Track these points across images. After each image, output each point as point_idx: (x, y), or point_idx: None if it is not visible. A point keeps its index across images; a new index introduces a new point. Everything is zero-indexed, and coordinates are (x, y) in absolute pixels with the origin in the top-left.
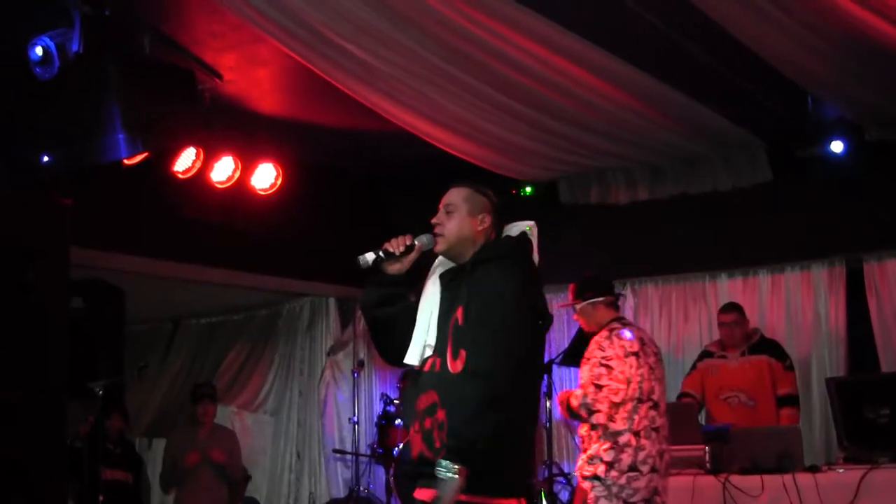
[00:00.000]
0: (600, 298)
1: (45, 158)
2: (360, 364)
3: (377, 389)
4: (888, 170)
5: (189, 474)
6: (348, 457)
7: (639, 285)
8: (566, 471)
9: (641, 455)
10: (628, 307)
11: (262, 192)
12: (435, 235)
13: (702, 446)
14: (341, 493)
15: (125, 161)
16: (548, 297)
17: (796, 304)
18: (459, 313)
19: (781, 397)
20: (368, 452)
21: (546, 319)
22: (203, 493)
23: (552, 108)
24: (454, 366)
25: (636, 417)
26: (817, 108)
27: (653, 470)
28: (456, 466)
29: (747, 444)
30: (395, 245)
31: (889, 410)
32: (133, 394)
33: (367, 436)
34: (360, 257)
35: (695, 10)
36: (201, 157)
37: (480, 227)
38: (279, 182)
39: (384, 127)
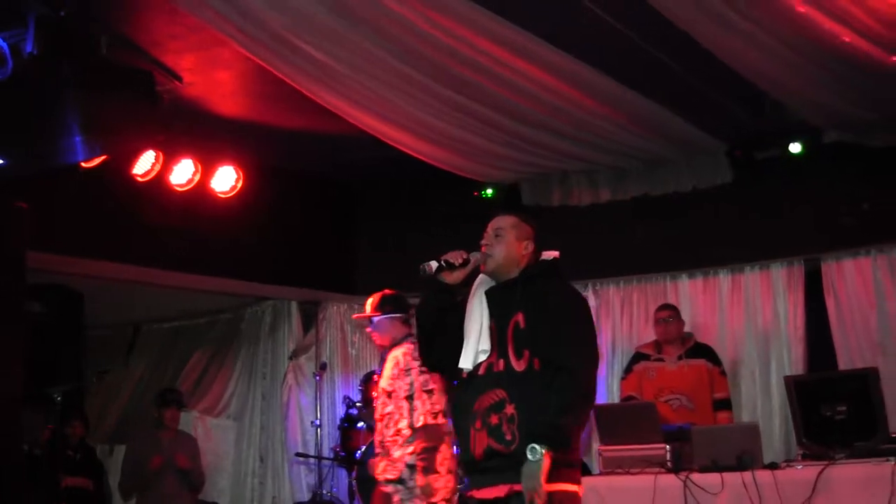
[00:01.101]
0: (399, 314)
1: (1, 161)
2: (323, 367)
3: (339, 393)
4: (846, 171)
5: (151, 480)
6: (311, 460)
7: (601, 286)
8: None
9: (439, 458)
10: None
11: (222, 195)
12: (483, 254)
13: (663, 445)
14: (305, 496)
15: (83, 164)
16: None
17: (756, 304)
18: (520, 318)
19: (718, 401)
20: (331, 456)
21: None
22: (166, 499)
23: (513, 110)
24: (518, 364)
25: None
26: (776, 110)
27: (449, 471)
28: (542, 449)
29: (707, 442)
30: (455, 257)
31: (846, 408)
32: (94, 399)
33: (329, 439)
34: (424, 265)
35: (655, 15)
36: (161, 159)
37: (525, 252)
38: (240, 185)
39: (345, 130)
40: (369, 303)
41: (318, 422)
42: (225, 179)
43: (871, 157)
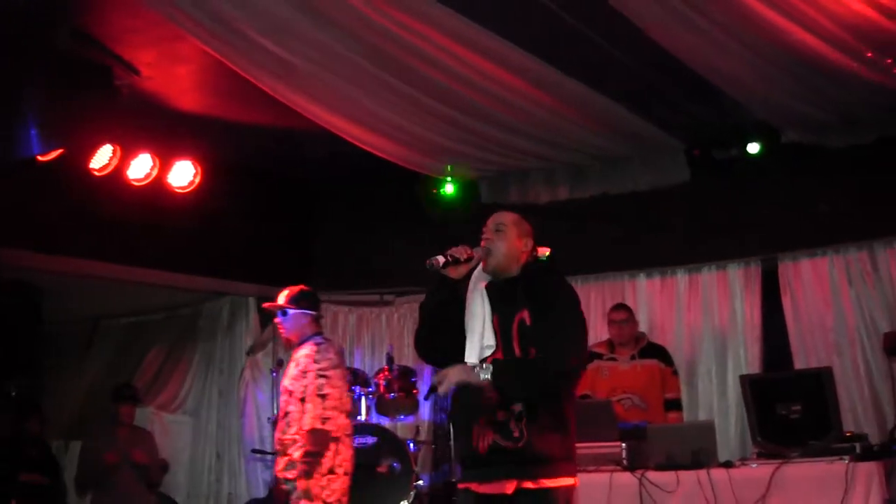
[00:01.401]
0: (312, 312)
1: None
2: (280, 363)
3: None
4: (803, 171)
5: (107, 476)
6: (268, 457)
7: None
8: None
9: (339, 459)
10: None
11: (180, 190)
12: (485, 249)
13: (618, 443)
14: (261, 492)
15: (40, 158)
16: None
17: (713, 304)
18: (525, 315)
19: (669, 401)
20: None
21: None
22: (122, 495)
23: (473, 108)
24: None
25: (338, 424)
26: (734, 110)
27: (346, 473)
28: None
29: (663, 440)
30: (461, 252)
31: (801, 407)
32: (51, 395)
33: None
34: (431, 259)
35: (614, 13)
36: (118, 154)
37: (525, 249)
38: (198, 180)
39: (304, 126)
40: (284, 294)
41: (274, 418)
42: (183, 174)
43: (829, 159)
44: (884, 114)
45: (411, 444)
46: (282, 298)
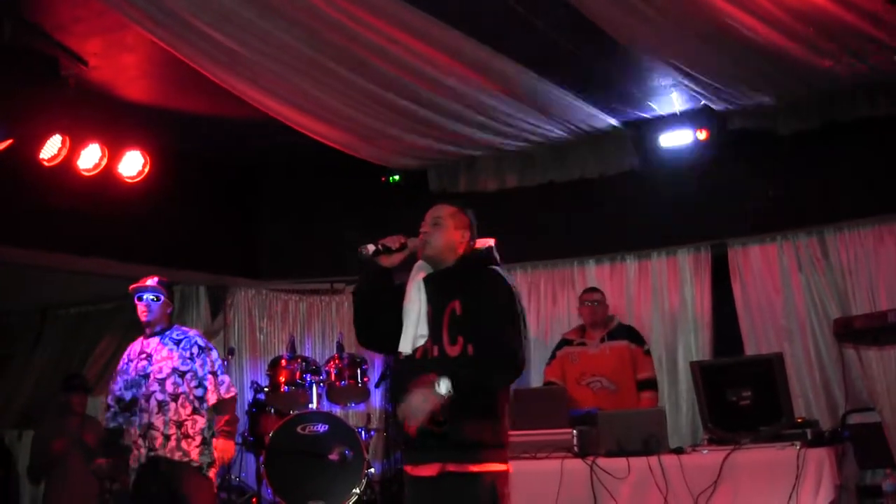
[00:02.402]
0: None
1: None
2: (231, 352)
3: (248, 377)
4: (750, 157)
5: (58, 462)
6: None
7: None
8: None
9: None
10: None
11: (129, 180)
12: (422, 241)
13: (569, 430)
14: None
15: None
16: None
17: (662, 290)
18: (456, 306)
19: (641, 381)
20: (239, 441)
21: None
22: (73, 479)
23: (419, 96)
24: (452, 350)
25: None
26: (681, 96)
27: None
28: (448, 388)
29: (614, 427)
30: (392, 241)
31: (751, 393)
32: (1, 385)
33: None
34: (362, 248)
35: (562, 2)
36: (67, 144)
37: (462, 240)
38: (147, 170)
39: (252, 115)
40: (155, 280)
41: None
42: (132, 164)
43: (776, 144)
44: (829, 99)
45: (362, 432)
46: (154, 281)
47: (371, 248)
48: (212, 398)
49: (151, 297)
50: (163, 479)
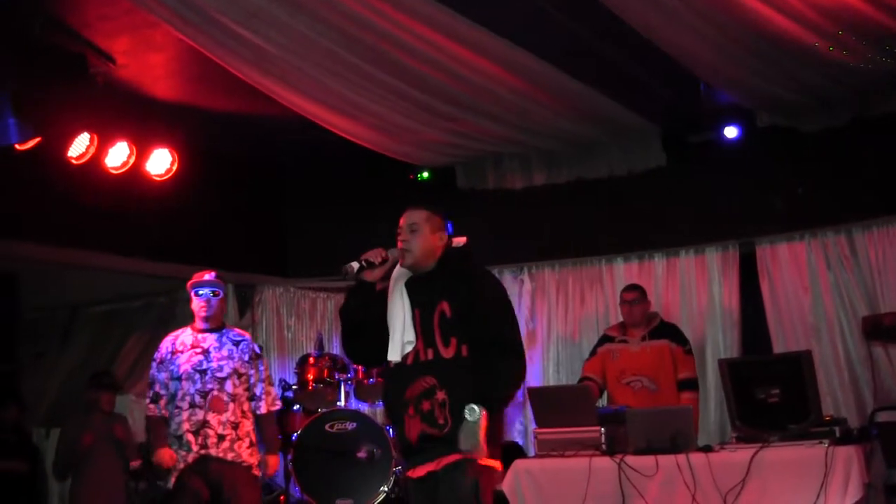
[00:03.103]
0: None
1: None
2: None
3: (275, 376)
4: (779, 155)
5: (85, 458)
6: None
7: (536, 270)
8: None
9: None
10: (525, 292)
11: (157, 178)
12: (402, 250)
13: (597, 428)
14: None
15: (18, 146)
16: None
17: (691, 288)
18: (445, 308)
19: (682, 381)
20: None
21: None
22: (100, 475)
23: (449, 94)
24: (446, 352)
25: None
26: (710, 94)
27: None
28: (480, 409)
29: (642, 425)
30: (374, 255)
31: (779, 391)
32: (29, 382)
33: None
34: (346, 266)
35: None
36: (95, 142)
37: (440, 243)
38: (175, 168)
39: (279, 113)
40: (213, 274)
41: None
42: (160, 162)
43: (805, 141)
44: (857, 95)
45: (390, 430)
46: (212, 275)
47: (355, 265)
48: (263, 407)
49: (211, 292)
50: (212, 478)
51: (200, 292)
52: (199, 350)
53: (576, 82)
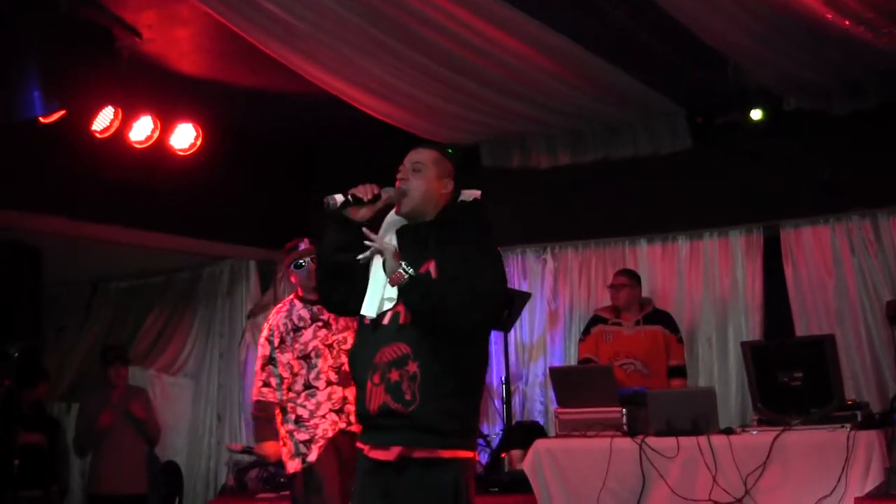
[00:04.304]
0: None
1: None
2: None
3: None
4: (805, 138)
5: (105, 435)
6: None
7: (559, 250)
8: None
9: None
10: (548, 272)
11: (181, 153)
12: (399, 190)
13: (619, 408)
14: None
15: (42, 119)
16: None
17: (714, 271)
18: (431, 266)
19: (673, 367)
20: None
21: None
22: (120, 451)
23: (475, 72)
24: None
25: None
26: (737, 76)
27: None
28: (411, 272)
29: (663, 406)
30: (364, 191)
31: (802, 374)
32: (51, 357)
33: None
34: (328, 198)
35: None
36: (120, 116)
37: (444, 191)
38: (199, 143)
39: (306, 89)
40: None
41: None
42: (184, 137)
43: (832, 125)
44: (887, 79)
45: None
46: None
47: (339, 198)
48: None
49: (311, 259)
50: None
51: (302, 265)
52: (320, 323)
53: (603, 62)
